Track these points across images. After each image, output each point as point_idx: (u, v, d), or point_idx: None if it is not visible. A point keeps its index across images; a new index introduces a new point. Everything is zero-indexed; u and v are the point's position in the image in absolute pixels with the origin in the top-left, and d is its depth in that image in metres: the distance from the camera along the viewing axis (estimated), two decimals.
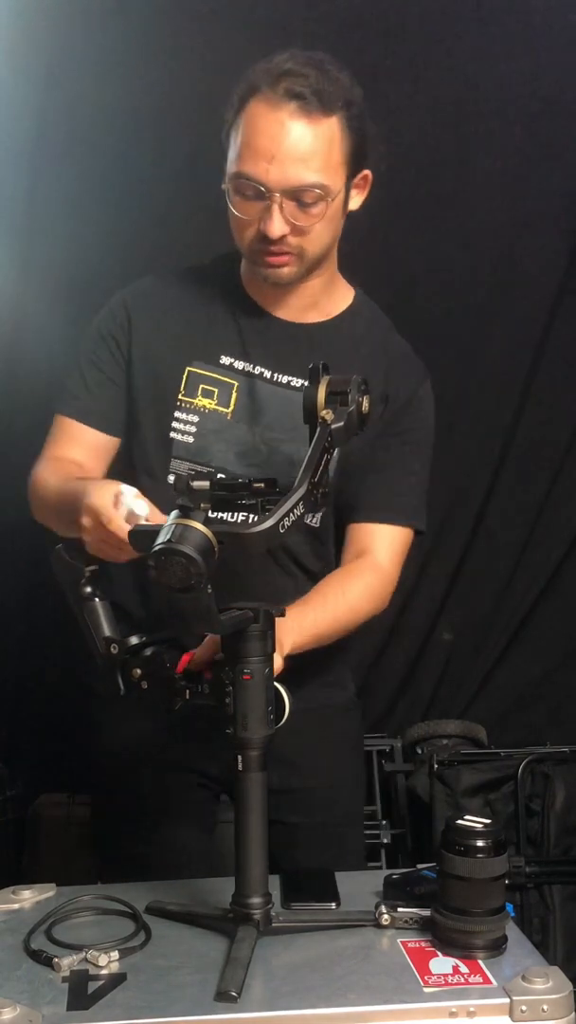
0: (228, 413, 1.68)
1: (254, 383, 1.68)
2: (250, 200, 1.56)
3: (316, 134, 1.53)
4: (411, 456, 1.76)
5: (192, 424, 1.67)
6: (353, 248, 2.20)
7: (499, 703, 2.82)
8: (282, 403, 1.68)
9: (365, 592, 1.71)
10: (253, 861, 1.34)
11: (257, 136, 1.53)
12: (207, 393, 1.67)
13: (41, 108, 2.34)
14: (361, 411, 1.40)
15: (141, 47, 2.28)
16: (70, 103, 2.32)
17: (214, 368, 1.68)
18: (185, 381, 1.67)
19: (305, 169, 1.53)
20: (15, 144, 2.35)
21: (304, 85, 1.52)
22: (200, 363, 1.68)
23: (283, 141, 1.52)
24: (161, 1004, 1.20)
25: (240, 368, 1.68)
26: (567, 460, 2.71)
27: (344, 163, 1.58)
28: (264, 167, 1.53)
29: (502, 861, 1.29)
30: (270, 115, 1.52)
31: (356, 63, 2.18)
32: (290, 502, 1.27)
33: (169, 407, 1.67)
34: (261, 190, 1.54)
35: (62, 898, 1.45)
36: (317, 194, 1.55)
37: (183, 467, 1.67)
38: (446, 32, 2.37)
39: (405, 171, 2.45)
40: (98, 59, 2.29)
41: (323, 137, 1.54)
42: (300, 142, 1.53)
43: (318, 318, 1.73)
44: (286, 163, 1.53)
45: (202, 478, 1.38)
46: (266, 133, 1.52)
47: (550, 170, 2.50)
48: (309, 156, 1.53)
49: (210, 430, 1.67)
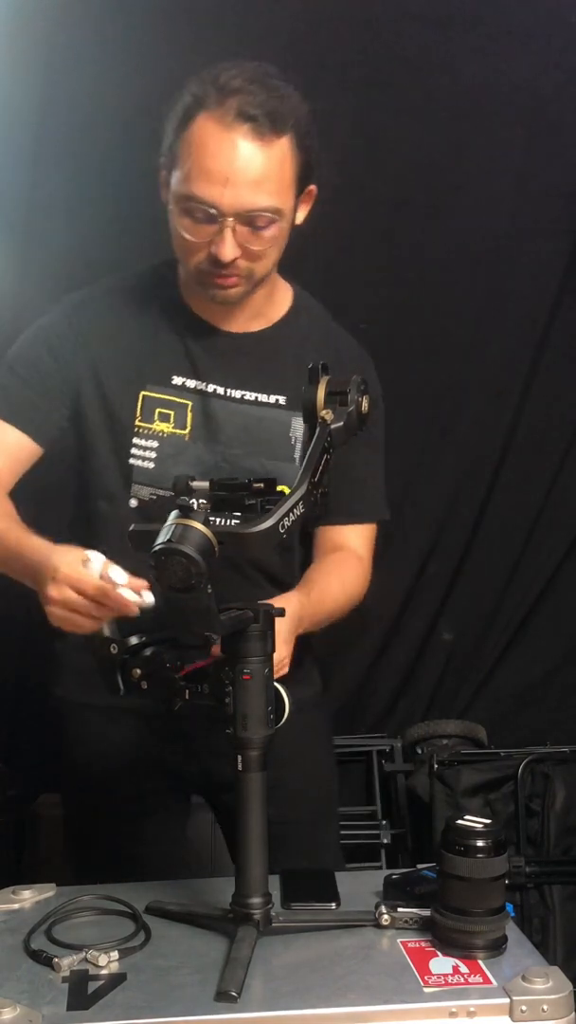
0: (186, 435, 1.66)
1: (208, 401, 1.67)
2: (200, 223, 1.53)
3: (269, 156, 1.50)
4: (370, 450, 1.75)
5: (152, 450, 1.66)
6: (353, 248, 2.21)
7: (499, 703, 2.82)
8: (238, 418, 1.67)
9: (355, 579, 1.74)
10: (253, 861, 1.34)
11: (209, 158, 1.49)
12: (164, 417, 1.66)
13: (41, 108, 2.34)
14: (360, 411, 1.40)
15: (141, 47, 2.28)
16: (70, 103, 2.32)
17: (167, 390, 1.66)
18: (140, 406, 1.65)
19: (259, 192, 1.51)
20: (15, 144, 2.35)
21: (255, 105, 1.48)
22: (153, 386, 1.66)
23: (237, 164, 1.49)
24: (161, 1004, 1.20)
25: (192, 387, 1.67)
26: (567, 460, 2.71)
27: (294, 182, 1.56)
28: (218, 191, 1.49)
29: (502, 861, 1.30)
30: (222, 136, 1.48)
31: (356, 63, 2.20)
32: (290, 502, 1.27)
33: (126, 433, 1.65)
34: (213, 213, 1.51)
35: (62, 898, 1.45)
36: (270, 217, 1.53)
37: (144, 492, 1.66)
38: (446, 32, 2.37)
39: (405, 171, 2.46)
40: (98, 59, 2.28)
41: (276, 159, 1.51)
42: (254, 165, 1.50)
43: (263, 325, 1.71)
44: (240, 187, 1.49)
45: (201, 479, 1.38)
46: (218, 155, 1.49)
47: (550, 170, 2.50)
48: (263, 179, 1.51)
49: (169, 454, 1.66)
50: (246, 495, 1.41)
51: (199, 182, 1.50)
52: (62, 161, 2.36)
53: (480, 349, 2.63)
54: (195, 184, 1.50)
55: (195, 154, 1.50)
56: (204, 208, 1.51)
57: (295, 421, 1.69)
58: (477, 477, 2.71)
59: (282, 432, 1.69)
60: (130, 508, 1.66)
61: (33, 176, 2.38)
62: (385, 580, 2.71)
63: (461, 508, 2.72)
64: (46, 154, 2.37)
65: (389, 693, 2.84)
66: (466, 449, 2.69)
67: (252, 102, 1.48)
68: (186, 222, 1.54)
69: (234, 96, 1.49)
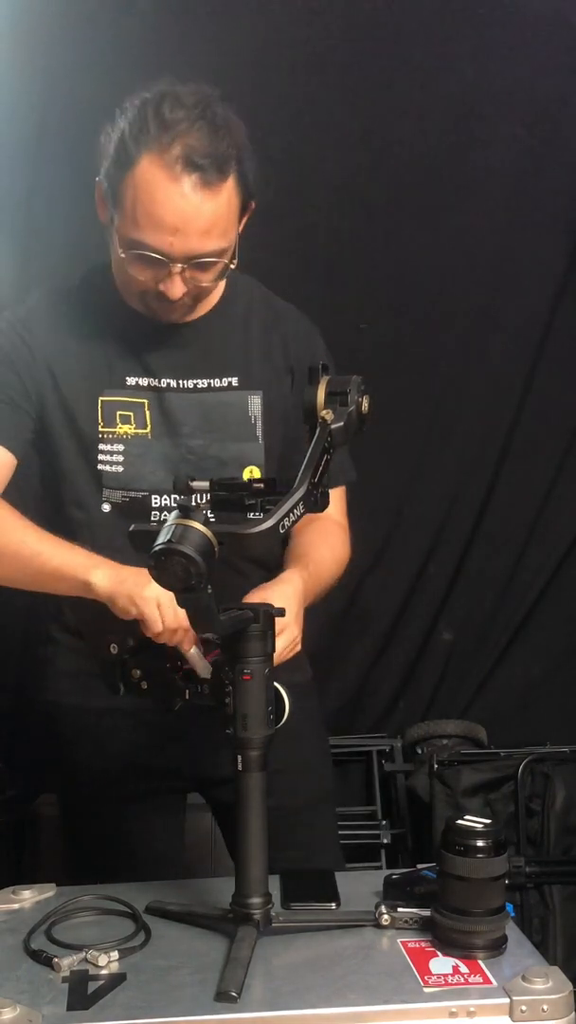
0: (147, 433, 1.67)
1: (163, 396, 1.67)
2: (148, 266, 1.54)
3: (216, 205, 1.50)
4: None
5: (118, 453, 1.66)
6: (353, 248, 2.21)
7: (499, 703, 2.82)
8: (196, 408, 1.68)
9: (342, 544, 1.77)
10: (253, 861, 1.34)
11: (156, 207, 1.49)
12: (124, 419, 1.66)
13: (41, 108, 2.34)
14: (361, 411, 1.40)
15: (141, 47, 2.28)
16: (70, 103, 2.32)
17: (123, 392, 1.67)
18: (101, 412, 1.65)
19: (208, 239, 1.52)
20: (15, 144, 2.35)
21: (201, 153, 1.47)
22: (109, 390, 1.66)
23: (186, 215, 1.49)
24: (161, 1004, 1.20)
25: (146, 385, 1.67)
26: (567, 460, 2.71)
27: (239, 213, 1.57)
28: (167, 240, 1.50)
29: (502, 861, 1.29)
30: (169, 187, 1.48)
31: (356, 64, 2.20)
32: (290, 502, 1.27)
33: (91, 439, 1.65)
34: (161, 260, 1.52)
35: (62, 898, 1.45)
36: (217, 260, 1.55)
37: (116, 495, 1.66)
38: (446, 32, 2.37)
39: (405, 171, 2.46)
40: (98, 59, 2.28)
41: (223, 204, 1.52)
42: (202, 215, 1.50)
43: (203, 311, 1.70)
44: (189, 236, 1.50)
45: (201, 478, 1.38)
46: (167, 206, 1.49)
47: (550, 170, 2.50)
48: (211, 227, 1.51)
49: (136, 455, 1.66)
50: (246, 495, 1.41)
51: (147, 231, 1.51)
52: (62, 162, 2.36)
53: (480, 349, 2.63)
54: (143, 232, 1.51)
55: (142, 200, 1.50)
56: (152, 255, 1.52)
57: (251, 398, 1.71)
58: (477, 477, 2.71)
59: (240, 413, 1.70)
60: (103, 513, 1.66)
61: (33, 177, 2.38)
62: (385, 580, 2.75)
63: (461, 508, 2.73)
64: (46, 155, 2.37)
65: (389, 693, 2.84)
66: (466, 449, 2.69)
67: (197, 149, 1.47)
68: (134, 265, 1.55)
69: (179, 140, 1.47)
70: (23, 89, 2.31)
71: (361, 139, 2.38)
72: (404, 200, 2.48)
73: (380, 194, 2.47)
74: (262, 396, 1.72)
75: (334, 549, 1.75)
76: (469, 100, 2.42)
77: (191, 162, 1.47)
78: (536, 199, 2.52)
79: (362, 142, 2.39)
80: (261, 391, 1.72)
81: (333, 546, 1.75)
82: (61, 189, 2.37)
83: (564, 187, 2.52)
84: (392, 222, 2.49)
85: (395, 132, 2.42)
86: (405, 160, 2.45)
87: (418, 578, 2.75)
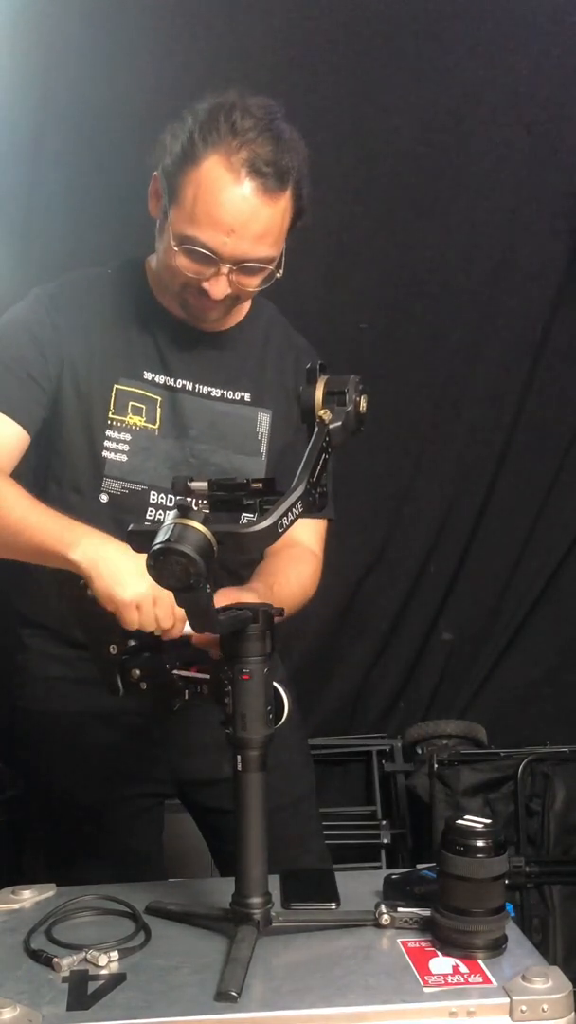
0: (156, 429, 1.68)
1: (177, 397, 1.69)
2: (196, 262, 1.57)
3: (273, 212, 1.56)
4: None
5: (125, 443, 1.67)
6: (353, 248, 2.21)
7: (499, 703, 2.82)
8: (205, 414, 1.70)
9: (311, 575, 1.75)
10: (253, 861, 1.34)
11: (217, 207, 1.53)
12: (136, 410, 1.68)
13: (41, 108, 2.34)
14: (359, 410, 1.40)
15: (140, 47, 2.28)
16: (70, 103, 2.32)
17: (139, 384, 1.68)
18: (114, 399, 1.67)
19: (260, 245, 1.56)
20: (15, 144, 2.35)
21: (266, 161, 1.53)
22: (126, 379, 1.68)
23: (243, 218, 1.54)
24: (161, 1004, 1.20)
25: (162, 383, 1.69)
26: (567, 460, 2.71)
27: (289, 228, 1.61)
28: (221, 240, 1.54)
29: (502, 861, 1.29)
30: (232, 188, 1.53)
31: (356, 63, 2.19)
32: (288, 502, 1.27)
33: (99, 425, 1.66)
34: (212, 258, 1.56)
35: (62, 898, 1.45)
36: (264, 266, 1.58)
37: (117, 485, 1.67)
38: (446, 32, 2.37)
39: (405, 171, 2.46)
40: (97, 59, 2.29)
41: (279, 214, 1.57)
42: (259, 220, 1.55)
43: (228, 324, 1.74)
44: (243, 240, 1.55)
45: (200, 478, 1.38)
46: (227, 207, 1.53)
47: (550, 170, 2.50)
48: (265, 233, 1.56)
49: (142, 448, 1.67)
50: (244, 495, 1.41)
51: (204, 228, 1.54)
52: (62, 162, 2.36)
53: (480, 349, 2.63)
54: (200, 229, 1.55)
55: (203, 198, 1.54)
56: (204, 252, 1.55)
57: (261, 415, 1.74)
58: (477, 477, 2.71)
59: (248, 428, 1.73)
60: (100, 503, 1.67)
61: (33, 177, 2.38)
62: (385, 580, 2.75)
63: (461, 508, 2.72)
64: (46, 155, 2.37)
65: (389, 693, 2.84)
66: (466, 449, 2.69)
67: (263, 156, 1.53)
68: (183, 260, 1.58)
69: (246, 146, 1.53)
70: (23, 89, 2.31)
71: (361, 139, 2.38)
72: (404, 200, 2.47)
73: (380, 194, 2.47)
74: (271, 416, 1.75)
75: (301, 577, 1.72)
76: (469, 100, 2.42)
77: (255, 168, 1.53)
78: (536, 199, 2.52)
79: (362, 142, 2.38)
80: (271, 411, 1.75)
81: (300, 574, 1.73)
82: (61, 189, 2.37)
83: (564, 187, 2.52)
84: (392, 221, 2.49)
85: (395, 132, 2.42)
86: (405, 160, 2.45)
87: (418, 578, 2.75)
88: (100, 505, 1.67)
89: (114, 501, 1.67)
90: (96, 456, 1.66)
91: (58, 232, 2.36)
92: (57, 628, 1.71)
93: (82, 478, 1.68)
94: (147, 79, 2.29)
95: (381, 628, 2.77)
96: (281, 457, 1.74)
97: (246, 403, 1.74)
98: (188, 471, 1.66)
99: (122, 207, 2.35)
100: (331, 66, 2.33)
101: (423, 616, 2.78)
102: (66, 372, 1.66)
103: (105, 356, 1.67)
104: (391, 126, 2.42)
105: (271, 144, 1.54)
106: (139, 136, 2.43)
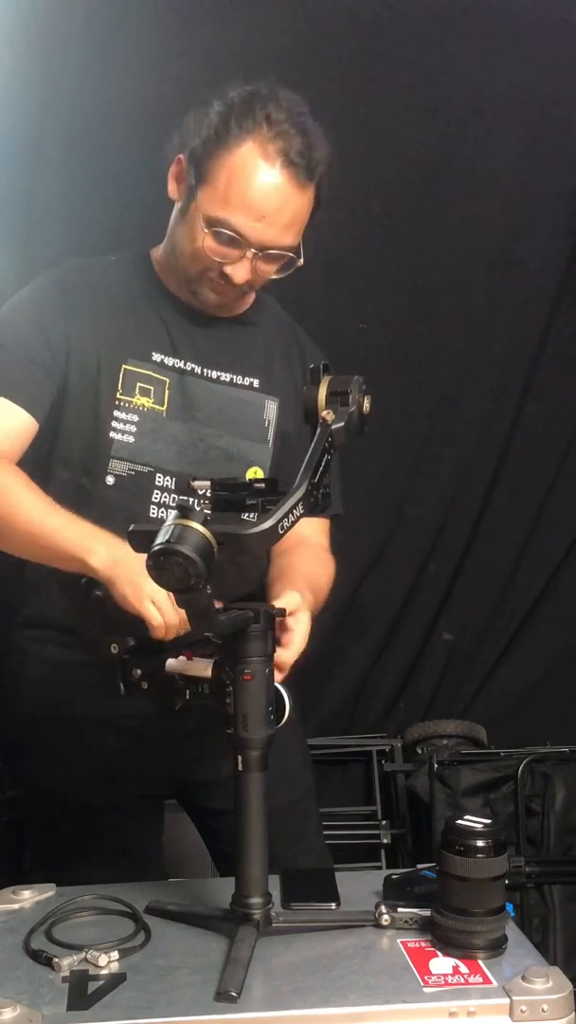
0: (163, 411, 1.69)
1: (185, 379, 1.70)
2: (222, 244, 1.59)
3: (300, 203, 1.59)
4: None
5: (132, 424, 1.67)
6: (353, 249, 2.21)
7: (499, 703, 2.82)
8: (213, 398, 1.71)
9: (330, 571, 1.75)
10: (253, 861, 1.34)
11: (250, 191, 1.56)
12: (144, 391, 1.68)
13: (41, 108, 2.34)
14: (362, 411, 1.40)
15: (140, 47, 2.28)
16: (70, 103, 2.32)
17: (148, 365, 1.69)
18: (122, 379, 1.67)
19: (286, 234, 1.60)
20: (15, 144, 2.35)
21: (299, 153, 1.56)
22: (134, 360, 1.68)
23: (275, 206, 1.57)
24: (161, 1004, 1.20)
25: (171, 365, 1.70)
26: (567, 460, 2.71)
27: (308, 220, 1.63)
28: (251, 225, 1.57)
29: (502, 861, 1.29)
30: (267, 175, 1.56)
31: (356, 63, 2.19)
32: (289, 503, 1.27)
33: (107, 406, 1.66)
34: (239, 241, 1.58)
35: (62, 898, 1.45)
36: (286, 254, 1.61)
37: (123, 467, 1.67)
38: (446, 33, 2.37)
39: (406, 171, 2.46)
40: (98, 59, 2.29)
41: (304, 205, 1.61)
42: (289, 209, 1.58)
43: (238, 310, 1.76)
44: (272, 226, 1.58)
45: (202, 478, 1.38)
46: (260, 192, 1.56)
47: (550, 170, 2.50)
48: (292, 222, 1.59)
49: (149, 429, 1.67)
50: (247, 495, 1.41)
51: (236, 212, 1.57)
52: (62, 162, 2.36)
53: (480, 349, 2.63)
54: (232, 212, 1.57)
55: (237, 183, 1.56)
56: (232, 235, 1.58)
57: (268, 403, 1.75)
58: (477, 477, 2.71)
59: (256, 414, 1.74)
60: (107, 486, 1.66)
61: (33, 177, 2.38)
62: (385, 580, 2.75)
63: (461, 508, 2.72)
64: (46, 155, 2.37)
65: (389, 693, 2.84)
66: (466, 450, 2.69)
67: (297, 147, 1.56)
68: (210, 241, 1.59)
69: (281, 137, 1.56)
70: (23, 89, 2.31)
71: (361, 139, 2.38)
72: (404, 200, 2.48)
73: (380, 194, 2.47)
74: (279, 404, 1.75)
75: (329, 572, 1.74)
76: (469, 100, 2.42)
77: (289, 158, 1.56)
78: (536, 199, 2.53)
79: (362, 142, 2.38)
80: (279, 399, 1.76)
81: (328, 570, 1.74)
82: (61, 189, 2.37)
83: (564, 187, 2.52)
84: (392, 222, 2.49)
85: (395, 132, 2.42)
86: (405, 160, 2.45)
87: (418, 578, 2.75)
88: (106, 488, 1.66)
89: (120, 483, 1.67)
90: (103, 436, 1.66)
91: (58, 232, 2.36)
92: (55, 630, 1.71)
93: (90, 460, 1.67)
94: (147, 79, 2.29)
95: (381, 628, 2.77)
96: (286, 445, 1.74)
97: (255, 389, 1.75)
98: (194, 454, 1.68)
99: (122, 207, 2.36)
100: (331, 66, 2.33)
101: (423, 616, 2.78)
102: (74, 354, 1.66)
103: (114, 336, 1.68)
104: (391, 126, 2.42)
105: (302, 137, 1.57)
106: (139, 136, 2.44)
